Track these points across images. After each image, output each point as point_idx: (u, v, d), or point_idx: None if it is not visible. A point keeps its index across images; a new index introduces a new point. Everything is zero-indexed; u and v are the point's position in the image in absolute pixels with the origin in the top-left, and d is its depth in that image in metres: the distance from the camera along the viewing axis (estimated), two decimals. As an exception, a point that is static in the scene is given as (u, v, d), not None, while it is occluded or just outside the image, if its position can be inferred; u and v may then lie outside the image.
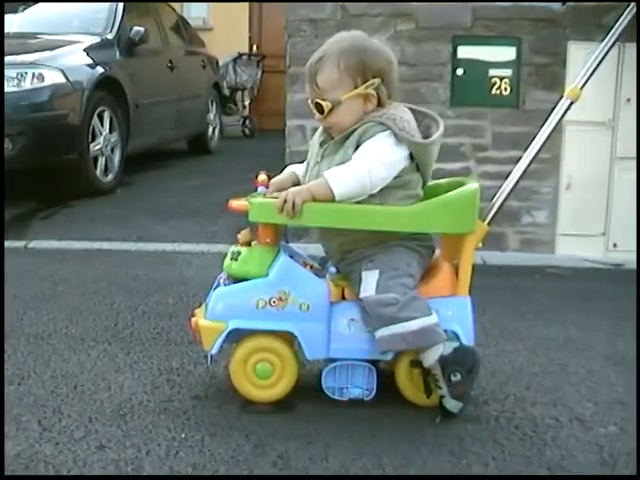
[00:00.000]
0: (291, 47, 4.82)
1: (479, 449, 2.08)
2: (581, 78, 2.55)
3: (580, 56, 4.46)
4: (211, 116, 9.32)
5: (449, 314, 2.30)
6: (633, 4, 2.68)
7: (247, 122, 11.37)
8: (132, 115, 6.80)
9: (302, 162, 2.49)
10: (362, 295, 2.22)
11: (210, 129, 9.30)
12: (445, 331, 2.25)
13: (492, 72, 4.55)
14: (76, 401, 2.29)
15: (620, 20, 2.65)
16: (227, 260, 2.34)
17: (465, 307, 2.34)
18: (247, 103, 11.50)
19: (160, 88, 7.65)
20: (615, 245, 4.66)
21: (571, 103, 2.52)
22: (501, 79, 4.55)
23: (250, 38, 12.50)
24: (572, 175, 4.60)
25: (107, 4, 7.19)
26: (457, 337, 2.28)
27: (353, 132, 2.23)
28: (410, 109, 2.34)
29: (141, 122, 7.02)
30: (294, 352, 2.30)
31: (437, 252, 2.45)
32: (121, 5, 7.19)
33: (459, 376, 2.19)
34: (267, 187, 2.33)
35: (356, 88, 2.23)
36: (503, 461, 2.02)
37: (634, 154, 4.56)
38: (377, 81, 2.24)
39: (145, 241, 4.74)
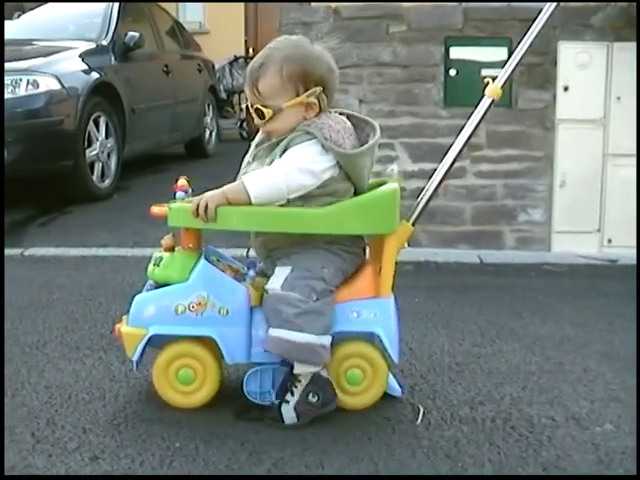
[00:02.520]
0: (284, 50, 4.81)
1: (475, 451, 2.08)
2: (501, 77, 2.56)
3: (570, 55, 4.50)
4: (208, 119, 9.33)
5: (371, 316, 2.28)
6: (549, 4, 2.65)
7: (244, 125, 11.38)
8: (128, 120, 6.80)
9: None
10: (267, 286, 2.22)
11: (207, 132, 9.31)
12: (372, 334, 2.28)
13: (484, 72, 4.54)
14: (70, 411, 2.28)
15: (539, 18, 2.63)
16: (150, 266, 2.34)
17: (387, 309, 2.32)
18: (244, 106, 11.49)
19: (156, 92, 7.65)
20: (610, 241, 4.67)
21: (492, 101, 2.51)
22: (493, 79, 4.53)
23: (246, 41, 12.51)
24: (566, 173, 4.61)
25: (102, 10, 7.19)
26: (380, 339, 2.28)
27: (284, 138, 2.23)
28: (350, 116, 2.35)
29: (137, 127, 7.02)
30: (216, 357, 2.29)
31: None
32: (116, 10, 7.20)
33: (315, 400, 2.19)
34: (186, 192, 2.32)
35: (298, 96, 2.23)
36: (499, 463, 2.02)
37: (625, 151, 4.59)
38: (318, 89, 2.25)
39: (141, 247, 4.71)
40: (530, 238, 4.68)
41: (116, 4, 7.26)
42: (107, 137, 6.42)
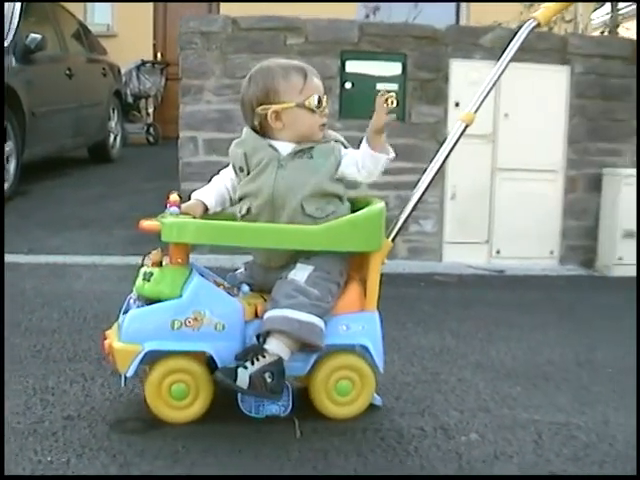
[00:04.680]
0: (183, 59, 4.85)
1: (342, 462, 2.13)
2: (474, 103, 2.64)
3: (461, 72, 4.65)
4: (112, 124, 9.23)
5: (359, 329, 2.39)
6: (522, 28, 2.72)
7: (151, 129, 11.32)
8: (28, 123, 6.68)
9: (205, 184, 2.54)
10: (290, 276, 2.31)
11: (111, 137, 9.22)
12: (360, 346, 2.39)
13: (379, 86, 4.67)
14: (-58, 425, 2.26)
15: (512, 45, 2.70)
16: (139, 281, 2.34)
17: (374, 322, 2.42)
18: (151, 111, 11.45)
19: (58, 96, 7.54)
20: (498, 252, 4.84)
21: (466, 126, 2.60)
22: (388, 91, 4.65)
23: (154, 45, 12.42)
24: (456, 185, 4.77)
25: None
26: (368, 351, 2.38)
27: (313, 147, 2.39)
28: None
29: (38, 130, 6.90)
30: (208, 371, 2.32)
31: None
32: (17, 12, 7.06)
33: (269, 380, 2.22)
34: (179, 207, 2.35)
35: None
36: (365, 474, 2.08)
37: (512, 166, 4.77)
38: None
39: (36, 253, 4.68)
40: (422, 248, 4.81)
41: (18, 4, 7.12)
42: (6, 140, 6.30)
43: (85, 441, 2.19)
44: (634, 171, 5.04)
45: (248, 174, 2.41)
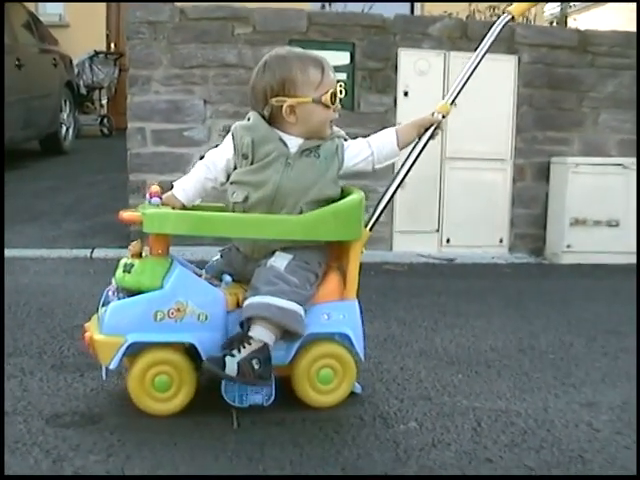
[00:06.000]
0: (130, 49, 4.81)
1: (278, 453, 2.12)
2: (450, 94, 2.63)
3: (409, 62, 4.66)
4: (64, 115, 9.12)
5: (340, 317, 2.42)
6: (497, 22, 2.68)
7: (105, 121, 11.23)
8: (-25, 115, 6.59)
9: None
10: (270, 263, 2.33)
11: (63, 129, 9.11)
12: (342, 334, 2.42)
13: (328, 76, 4.65)
14: None
15: (487, 37, 2.66)
16: (119, 272, 2.33)
17: (354, 310, 2.46)
18: (104, 102, 11.35)
19: (7, 87, 7.40)
20: (448, 240, 4.87)
21: (443, 116, 2.60)
22: (337, 82, 4.66)
23: (107, 36, 12.28)
24: (406, 175, 4.77)
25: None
26: (348, 339, 2.41)
27: (320, 146, 2.40)
28: None
29: (-14, 122, 6.80)
30: (190, 361, 2.32)
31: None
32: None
33: (257, 367, 2.22)
34: (161, 198, 2.35)
35: None
36: (300, 464, 2.07)
37: (461, 154, 4.79)
38: None
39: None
40: (372, 238, 4.76)
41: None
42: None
43: (19, 436, 2.17)
44: (582, 159, 5.10)
45: (252, 163, 2.39)
